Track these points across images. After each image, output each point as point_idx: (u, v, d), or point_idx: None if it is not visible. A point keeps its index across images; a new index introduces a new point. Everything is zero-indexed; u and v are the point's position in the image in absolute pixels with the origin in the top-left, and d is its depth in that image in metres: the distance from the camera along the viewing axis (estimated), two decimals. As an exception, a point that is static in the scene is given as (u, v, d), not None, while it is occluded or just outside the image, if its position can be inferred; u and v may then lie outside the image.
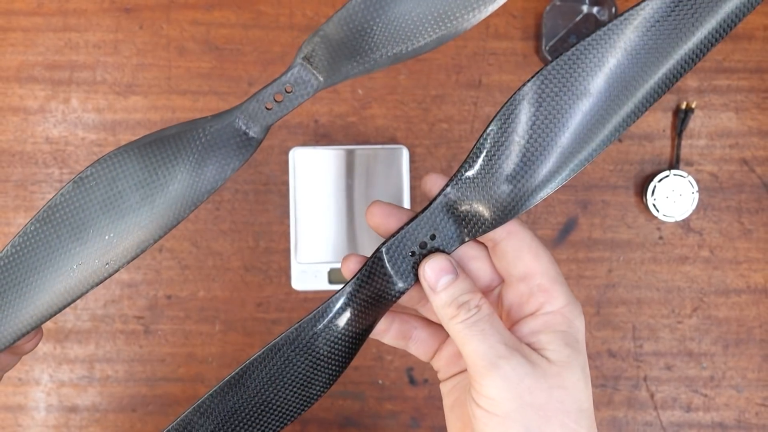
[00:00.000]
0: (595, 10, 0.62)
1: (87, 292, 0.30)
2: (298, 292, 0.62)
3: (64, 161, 0.62)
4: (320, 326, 0.31)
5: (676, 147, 0.62)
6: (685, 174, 0.61)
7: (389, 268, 0.30)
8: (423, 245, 0.30)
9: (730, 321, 0.63)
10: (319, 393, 0.32)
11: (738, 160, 0.63)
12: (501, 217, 0.29)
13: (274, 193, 0.63)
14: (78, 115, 0.62)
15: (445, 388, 0.34)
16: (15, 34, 0.62)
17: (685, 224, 0.63)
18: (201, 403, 0.31)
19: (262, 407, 0.32)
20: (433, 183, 0.31)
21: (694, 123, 0.63)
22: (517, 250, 0.30)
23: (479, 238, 0.31)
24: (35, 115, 0.62)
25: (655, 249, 0.63)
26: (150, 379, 0.62)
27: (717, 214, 0.63)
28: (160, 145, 0.30)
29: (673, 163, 0.62)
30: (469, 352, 0.28)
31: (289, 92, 0.30)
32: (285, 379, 0.31)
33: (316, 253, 0.61)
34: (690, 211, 0.61)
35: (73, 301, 0.31)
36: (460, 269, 0.30)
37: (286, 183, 0.62)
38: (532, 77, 0.29)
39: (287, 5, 0.63)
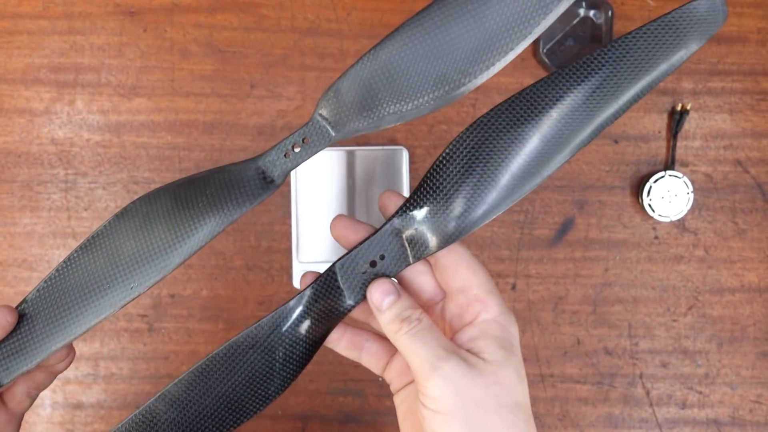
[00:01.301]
0: (591, 13, 0.63)
1: (114, 312, 0.33)
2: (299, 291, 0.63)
3: (69, 162, 0.63)
4: (277, 330, 0.34)
5: (672, 148, 0.63)
6: (680, 174, 0.62)
7: (341, 284, 0.33)
8: (373, 264, 0.33)
9: (724, 319, 0.64)
10: (274, 393, 0.34)
11: (732, 161, 0.64)
12: (444, 244, 0.33)
13: (276, 194, 0.63)
14: (83, 117, 0.63)
15: (397, 399, 0.37)
16: (21, 37, 0.63)
17: (680, 224, 0.64)
18: (166, 391, 0.34)
19: (222, 401, 0.34)
20: (389, 200, 0.34)
21: (689, 124, 0.64)
22: (456, 266, 0.33)
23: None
24: (41, 117, 0.63)
25: (650, 248, 0.64)
26: (154, 377, 0.63)
27: (711, 214, 0.64)
28: (190, 185, 0.34)
29: (669, 164, 0.63)
30: (413, 358, 0.31)
31: (305, 143, 0.34)
32: (242, 376, 0.34)
33: (317, 252, 0.62)
34: (685, 211, 0.62)
35: (102, 320, 0.34)
36: (401, 290, 0.33)
37: (288, 184, 0.63)
38: (470, 126, 0.33)
39: (289, 8, 0.64)
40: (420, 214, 0.33)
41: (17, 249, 0.63)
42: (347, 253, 0.34)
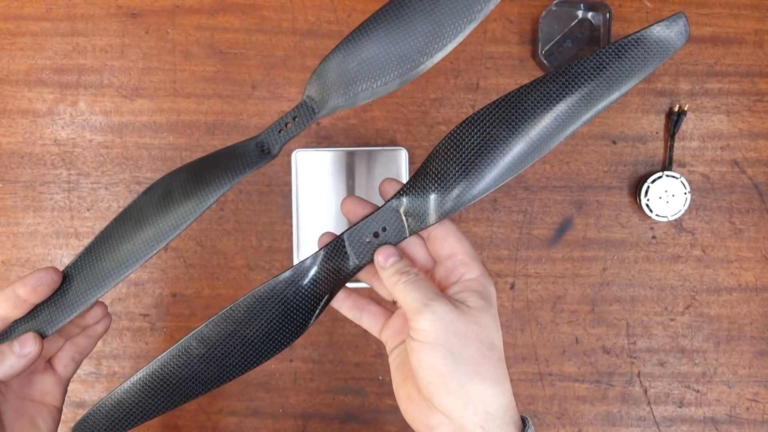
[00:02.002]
0: (590, 15, 0.63)
1: (142, 263, 0.40)
2: (300, 290, 0.63)
3: (72, 162, 0.64)
4: (294, 284, 0.40)
5: (669, 148, 0.64)
6: (677, 175, 0.62)
7: (348, 249, 0.40)
8: (376, 234, 0.40)
9: (721, 318, 0.64)
10: (289, 340, 0.40)
11: (729, 162, 0.64)
12: (437, 219, 0.39)
13: (277, 194, 0.64)
14: (85, 118, 0.64)
15: (391, 357, 0.42)
16: (24, 39, 0.64)
17: (677, 224, 0.64)
18: (198, 331, 0.40)
19: (244, 342, 0.40)
20: (389, 187, 0.40)
21: (687, 125, 0.64)
22: (444, 236, 0.40)
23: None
24: (44, 118, 0.64)
25: (648, 248, 0.64)
26: (156, 375, 0.63)
27: (709, 214, 0.64)
28: (203, 161, 0.41)
29: (666, 165, 0.64)
30: (408, 300, 0.37)
31: (296, 121, 0.41)
32: (262, 323, 0.40)
33: (318, 252, 0.63)
34: (682, 211, 0.62)
35: (131, 272, 0.40)
36: (402, 254, 0.40)
37: (289, 184, 0.63)
38: (466, 121, 0.39)
39: (290, 10, 0.64)
40: (419, 194, 0.39)
41: (20, 249, 0.64)
42: (354, 224, 0.40)
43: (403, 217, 0.39)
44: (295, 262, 0.62)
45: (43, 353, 0.43)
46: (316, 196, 0.63)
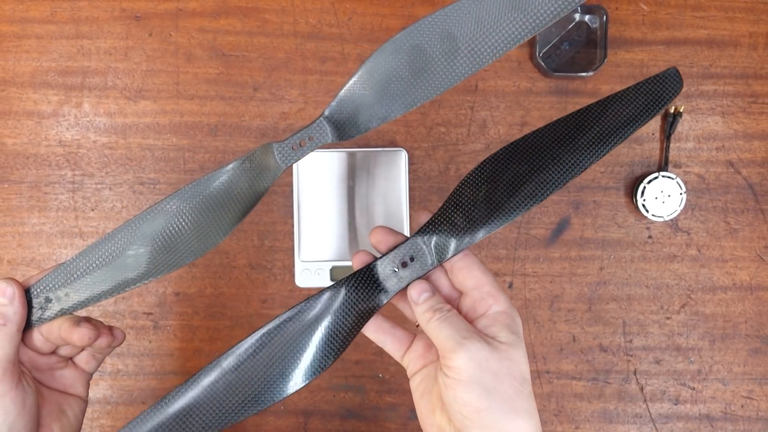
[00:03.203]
0: (587, 18, 0.64)
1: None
2: (301, 289, 0.64)
3: (76, 163, 0.65)
4: (329, 307, 0.40)
5: (665, 149, 0.64)
6: (673, 175, 0.63)
7: (379, 276, 0.41)
8: (404, 264, 0.41)
9: (716, 317, 0.65)
10: (323, 366, 0.40)
11: (724, 162, 0.65)
12: (459, 251, 0.41)
13: (279, 194, 0.65)
14: (90, 119, 0.65)
15: (414, 383, 0.42)
16: (29, 41, 0.65)
17: (673, 224, 0.65)
18: (237, 353, 0.40)
19: (280, 371, 0.40)
20: (380, 235, 0.42)
21: (682, 126, 0.65)
22: (470, 268, 0.41)
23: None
24: (49, 119, 0.65)
25: (644, 248, 0.65)
26: (159, 373, 0.64)
27: (704, 214, 0.65)
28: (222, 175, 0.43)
29: (662, 165, 0.65)
30: (442, 338, 0.38)
31: (311, 140, 0.42)
32: (294, 348, 0.40)
33: (319, 251, 0.63)
34: (678, 211, 0.63)
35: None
36: (434, 289, 0.41)
37: (290, 184, 0.64)
38: (483, 163, 0.41)
39: (291, 13, 0.65)
40: (447, 228, 0.41)
41: (26, 248, 0.64)
42: (383, 255, 0.41)
43: (432, 249, 0.41)
44: (296, 262, 0.63)
45: (64, 353, 0.44)
46: (317, 196, 0.63)
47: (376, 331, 0.43)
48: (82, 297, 0.42)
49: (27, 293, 0.41)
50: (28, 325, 0.41)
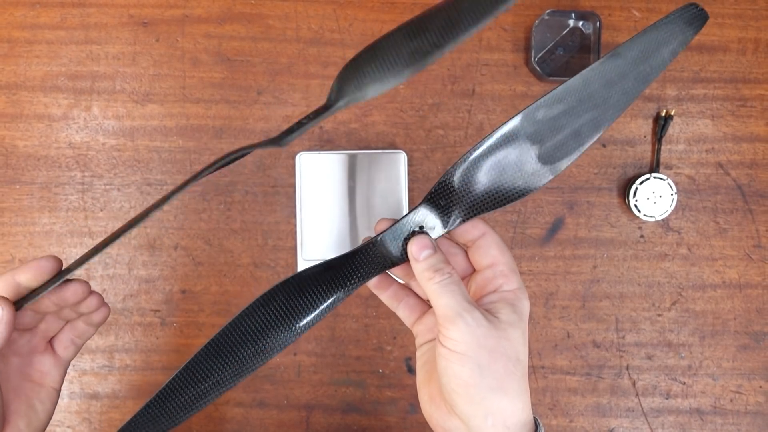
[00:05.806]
0: (580, 24, 0.66)
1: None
2: (304, 287, 0.66)
3: (85, 165, 0.66)
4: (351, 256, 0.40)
5: (656, 151, 0.66)
6: (664, 177, 0.65)
7: (389, 247, 0.40)
8: (413, 233, 0.40)
9: (706, 314, 0.67)
10: (337, 301, 0.40)
11: (714, 164, 0.67)
12: (465, 219, 0.40)
13: (282, 195, 0.67)
14: (99, 122, 0.67)
15: (420, 352, 0.42)
16: (40, 47, 0.66)
17: (664, 224, 0.67)
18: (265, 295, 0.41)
19: (301, 303, 0.40)
20: (384, 225, 0.41)
21: (673, 129, 0.67)
22: (488, 246, 0.40)
23: (460, 242, 0.42)
24: (59, 122, 0.66)
25: (636, 247, 0.67)
26: (166, 368, 0.66)
27: (694, 214, 0.67)
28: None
29: (654, 167, 0.66)
30: (440, 305, 0.37)
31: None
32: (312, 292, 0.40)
33: (321, 250, 0.65)
34: (669, 212, 0.65)
35: None
36: (437, 246, 0.39)
37: (293, 185, 0.66)
38: (511, 120, 0.40)
39: (294, 19, 0.67)
40: (447, 200, 0.39)
41: (36, 248, 0.66)
42: (390, 225, 0.40)
43: (438, 215, 0.39)
44: (299, 260, 0.65)
45: (43, 332, 0.43)
46: (319, 196, 0.65)
47: (390, 297, 0.43)
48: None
49: (27, 294, 0.39)
50: (18, 307, 0.40)
